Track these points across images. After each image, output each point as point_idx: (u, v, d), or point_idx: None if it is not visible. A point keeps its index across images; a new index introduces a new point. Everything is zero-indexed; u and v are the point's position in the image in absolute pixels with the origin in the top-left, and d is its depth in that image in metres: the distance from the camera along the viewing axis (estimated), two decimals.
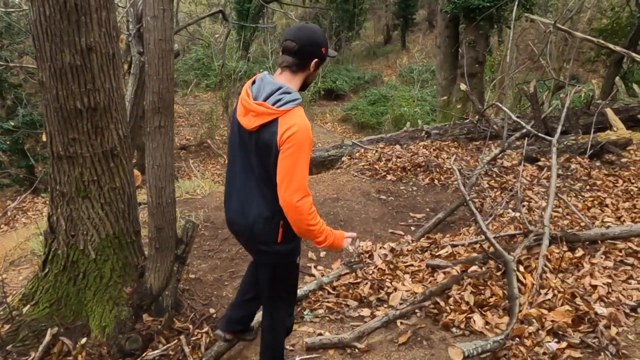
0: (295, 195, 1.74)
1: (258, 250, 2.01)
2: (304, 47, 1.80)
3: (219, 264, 3.58)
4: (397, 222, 4.29)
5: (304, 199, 1.76)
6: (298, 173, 1.73)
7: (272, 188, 1.80)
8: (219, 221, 4.25)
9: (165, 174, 2.45)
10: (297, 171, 1.73)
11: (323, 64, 1.95)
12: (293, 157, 1.72)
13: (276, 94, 1.78)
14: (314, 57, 1.83)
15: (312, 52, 1.82)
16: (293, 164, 1.73)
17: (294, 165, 1.73)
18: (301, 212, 1.76)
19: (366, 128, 18.27)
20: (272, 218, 1.87)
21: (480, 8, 7.27)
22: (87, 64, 2.26)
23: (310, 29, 1.86)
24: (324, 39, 1.86)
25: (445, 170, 5.30)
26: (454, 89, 8.40)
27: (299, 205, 1.75)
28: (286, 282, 2.09)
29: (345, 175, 5.56)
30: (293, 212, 1.77)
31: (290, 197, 1.74)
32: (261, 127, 1.78)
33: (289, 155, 1.73)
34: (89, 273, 2.55)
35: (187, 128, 18.81)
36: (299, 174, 1.73)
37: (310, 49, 1.81)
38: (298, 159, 1.72)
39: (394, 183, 5.16)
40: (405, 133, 7.03)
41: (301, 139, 1.72)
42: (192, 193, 5.03)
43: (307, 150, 1.75)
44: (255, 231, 1.91)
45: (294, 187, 1.74)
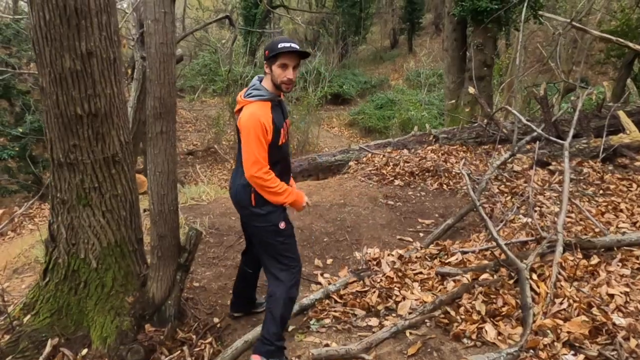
0: (252, 168, 2.22)
1: (241, 214, 2.52)
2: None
3: (224, 271, 3.51)
4: (405, 228, 4.20)
5: (260, 170, 2.24)
6: (252, 150, 2.21)
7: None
8: (224, 228, 4.20)
9: (168, 181, 2.40)
10: (251, 149, 2.21)
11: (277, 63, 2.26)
12: (246, 137, 2.24)
13: (251, 89, 2.33)
14: (264, 60, 2.32)
15: (264, 58, 2.32)
16: (247, 143, 2.23)
17: (248, 144, 2.23)
18: (260, 179, 2.24)
19: (373, 132, 18.17)
20: (246, 185, 2.33)
21: (488, 10, 7.17)
22: (88, 69, 2.22)
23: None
24: (267, 45, 2.30)
25: (454, 175, 5.21)
26: (462, 93, 8.30)
27: (257, 174, 2.23)
28: (276, 247, 2.41)
29: (352, 180, 5.49)
30: (255, 181, 2.25)
31: (250, 170, 2.23)
32: (238, 113, 2.35)
33: (243, 137, 2.26)
34: (90, 282, 2.50)
35: (194, 133, 18.85)
36: (253, 151, 2.21)
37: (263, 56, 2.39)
38: (249, 139, 2.21)
39: (402, 188, 5.08)
40: (413, 137, 6.95)
41: (249, 124, 2.21)
42: (197, 199, 4.99)
43: (255, 133, 2.21)
44: (237, 198, 2.41)
45: (251, 161, 2.22)
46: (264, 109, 2.26)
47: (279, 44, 2.21)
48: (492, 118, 5.75)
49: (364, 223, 4.28)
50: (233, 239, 3.99)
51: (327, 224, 4.25)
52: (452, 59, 8.51)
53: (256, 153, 2.21)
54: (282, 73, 2.25)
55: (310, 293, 3.12)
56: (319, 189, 5.28)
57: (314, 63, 17.00)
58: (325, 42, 21.63)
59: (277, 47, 2.20)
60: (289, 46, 2.21)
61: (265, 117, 2.24)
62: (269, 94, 2.30)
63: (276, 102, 2.37)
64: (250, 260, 2.80)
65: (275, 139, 2.28)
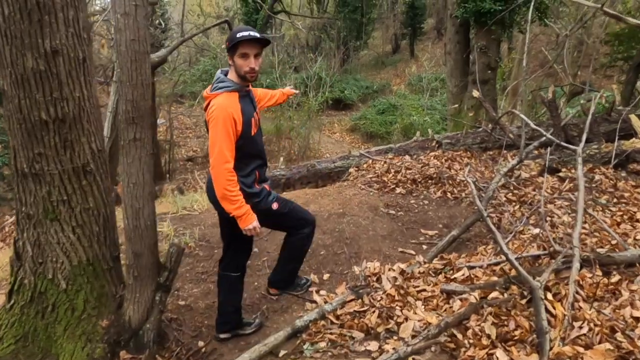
0: (216, 161, 2.18)
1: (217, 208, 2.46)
2: None
3: (212, 288, 3.27)
4: (408, 240, 3.95)
5: (224, 164, 2.19)
6: (218, 143, 2.17)
7: None
8: (215, 239, 3.96)
9: (143, 193, 2.17)
10: (217, 141, 2.17)
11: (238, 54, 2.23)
12: (213, 130, 2.19)
13: (214, 83, 2.31)
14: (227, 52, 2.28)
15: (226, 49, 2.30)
16: (214, 135, 2.18)
17: (214, 136, 2.18)
18: (221, 175, 2.19)
19: (375, 138, 17.97)
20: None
21: (491, 12, 6.95)
22: (53, 69, 2.00)
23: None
24: (228, 37, 2.26)
25: (458, 183, 4.96)
26: (465, 97, 8.07)
27: (219, 169, 2.19)
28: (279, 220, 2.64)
29: (351, 188, 5.25)
30: (215, 175, 2.21)
31: (213, 163, 2.20)
32: (205, 108, 2.32)
33: (210, 129, 2.22)
34: (59, 305, 2.27)
35: (193, 139, 18.69)
36: (218, 144, 2.17)
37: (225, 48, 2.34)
38: (216, 131, 2.17)
39: (404, 196, 4.83)
40: (415, 143, 6.71)
41: (217, 115, 2.16)
42: (189, 208, 4.75)
43: (223, 125, 2.17)
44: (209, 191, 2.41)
45: (215, 154, 2.18)
46: (232, 100, 2.24)
47: (237, 33, 2.19)
48: (498, 122, 5.52)
49: (364, 234, 4.03)
50: None
51: (324, 235, 4.01)
52: (454, 63, 8.29)
53: (222, 146, 2.18)
54: (243, 63, 2.23)
55: (305, 313, 2.88)
56: (317, 197, 5.04)
57: (314, 68, 16.81)
58: (326, 47, 21.46)
59: (236, 36, 2.17)
60: (248, 35, 2.17)
61: (234, 107, 2.22)
62: (235, 85, 2.28)
63: (244, 93, 2.34)
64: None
65: (245, 129, 2.26)
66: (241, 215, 2.28)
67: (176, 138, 18.82)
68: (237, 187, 2.25)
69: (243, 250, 2.69)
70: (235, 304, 2.71)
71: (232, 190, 2.22)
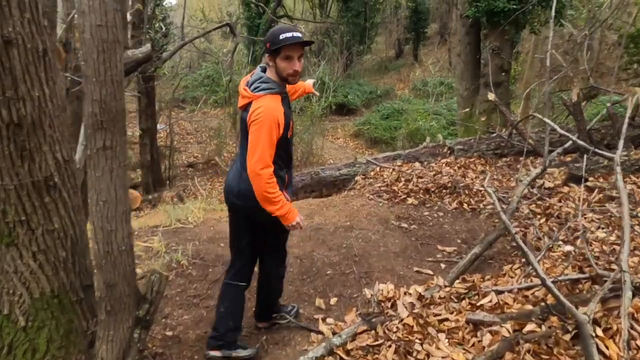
0: (257, 165, 2.13)
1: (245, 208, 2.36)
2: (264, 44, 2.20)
3: (205, 315, 2.90)
4: (423, 257, 3.57)
5: (265, 169, 2.14)
6: (260, 146, 2.11)
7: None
8: (210, 257, 3.59)
9: (116, 212, 1.80)
10: (260, 145, 2.11)
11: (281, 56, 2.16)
12: (256, 133, 2.12)
13: (256, 83, 2.22)
14: (266, 53, 2.21)
15: (264, 50, 2.22)
16: (256, 139, 2.12)
17: (257, 139, 2.12)
18: (261, 179, 2.14)
19: (379, 143, 17.62)
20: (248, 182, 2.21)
21: (505, 11, 6.60)
22: (6, 63, 1.64)
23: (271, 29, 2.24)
24: (268, 36, 2.18)
25: (475, 192, 4.58)
26: (477, 100, 7.70)
27: (260, 173, 2.13)
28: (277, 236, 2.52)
29: (359, 198, 4.87)
30: (255, 179, 2.15)
31: (254, 166, 2.13)
32: (244, 108, 2.25)
33: (254, 132, 2.14)
34: (17, 346, 1.89)
35: (194, 145, 18.38)
36: (260, 147, 2.12)
37: (264, 49, 2.24)
38: (260, 135, 2.11)
39: (416, 208, 4.45)
40: (425, 149, 6.34)
41: (263, 118, 2.11)
42: (183, 221, 4.38)
43: (268, 129, 2.11)
44: (241, 191, 2.29)
45: (257, 158, 2.12)
46: (276, 103, 2.19)
47: (280, 35, 2.10)
48: (516, 127, 5.14)
49: (374, 251, 3.65)
50: (220, 271, 3.38)
51: (330, 252, 3.63)
52: (465, 65, 7.93)
53: (265, 150, 2.13)
54: (287, 65, 2.17)
55: (310, 347, 2.50)
56: (322, 208, 4.67)
57: (317, 72, 16.50)
58: (329, 52, 21.18)
59: (279, 39, 2.09)
60: (292, 36, 2.09)
61: (279, 112, 2.17)
62: (278, 87, 2.23)
63: (284, 95, 2.29)
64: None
65: (285, 132, 2.22)
66: (285, 214, 2.25)
67: (177, 144, 18.52)
68: (277, 188, 2.20)
69: (254, 260, 2.63)
70: (235, 319, 2.51)
71: (274, 192, 2.18)
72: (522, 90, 10.08)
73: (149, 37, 12.22)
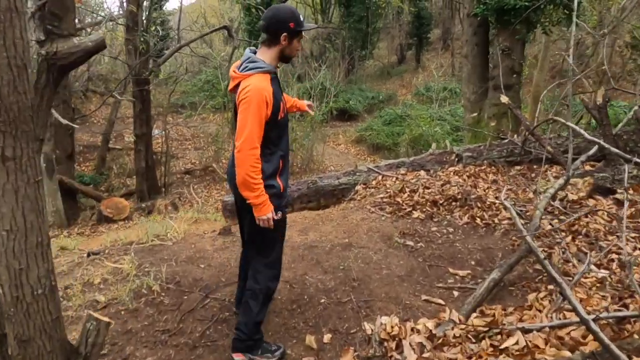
0: (245, 145, 2.08)
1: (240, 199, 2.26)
2: (270, 25, 2.17)
3: (174, 355, 2.42)
4: (433, 282, 3.09)
5: (252, 150, 2.10)
6: (248, 126, 2.08)
7: None
8: (187, 281, 3.12)
9: (27, 245, 1.34)
10: (247, 125, 2.08)
11: (299, 37, 2.22)
12: (244, 112, 2.10)
13: (244, 63, 2.21)
14: (282, 31, 2.15)
15: (279, 28, 2.15)
16: (244, 118, 2.09)
17: (245, 119, 2.09)
18: (247, 160, 2.09)
19: (381, 149, 17.21)
20: None
21: (516, 9, 6.16)
22: None
23: (274, 8, 2.21)
24: (290, 15, 2.16)
25: (489, 205, 4.10)
26: (485, 104, 7.24)
27: (247, 154, 2.09)
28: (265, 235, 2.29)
29: (359, 210, 4.41)
30: (241, 160, 2.10)
31: (241, 146, 2.09)
32: (233, 89, 2.23)
33: (242, 111, 2.11)
34: None
35: (192, 151, 17.96)
36: (249, 127, 2.08)
37: (276, 25, 2.16)
38: (248, 114, 2.08)
39: (423, 222, 3.98)
40: (431, 156, 5.87)
41: (251, 96, 2.08)
42: (162, 237, 3.92)
43: (257, 108, 2.07)
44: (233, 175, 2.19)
45: (244, 137, 2.08)
46: (265, 81, 2.15)
47: (303, 21, 2.18)
48: (533, 133, 4.67)
49: (376, 274, 3.18)
50: (196, 299, 2.92)
51: (325, 275, 3.17)
52: (472, 67, 7.47)
53: (253, 130, 2.08)
54: (299, 45, 2.26)
55: None
56: (318, 222, 4.21)
57: (318, 77, 16.11)
58: (331, 57, 20.84)
59: (304, 23, 2.18)
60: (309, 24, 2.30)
61: (267, 90, 2.12)
62: (268, 66, 2.19)
63: (274, 75, 2.24)
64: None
65: (274, 112, 2.16)
66: (258, 204, 2.17)
67: (175, 150, 18.13)
68: (259, 175, 2.14)
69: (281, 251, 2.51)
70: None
71: (255, 178, 2.12)
72: (530, 94, 9.61)
73: (144, 40, 11.86)
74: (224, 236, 3.89)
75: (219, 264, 3.36)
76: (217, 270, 3.26)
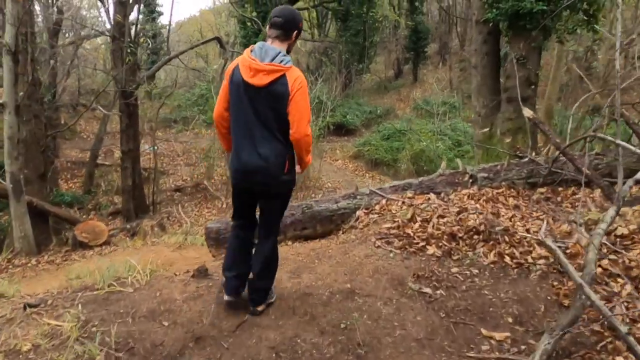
0: (308, 127, 2.44)
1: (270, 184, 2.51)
2: (288, 22, 2.46)
3: None
4: (461, 349, 2.39)
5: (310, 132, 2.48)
6: (308, 111, 2.44)
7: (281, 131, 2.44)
8: (144, 345, 2.41)
9: None
10: (307, 109, 2.44)
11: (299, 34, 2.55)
12: (304, 99, 2.41)
13: (279, 56, 2.40)
14: (294, 29, 2.49)
15: (293, 26, 2.48)
16: (305, 104, 2.42)
17: (305, 104, 2.42)
18: (309, 140, 2.49)
19: (380, 165, 16.63)
20: (282, 155, 2.46)
21: (533, 13, 5.58)
22: None
23: (291, 8, 2.62)
24: (300, 16, 2.58)
25: (518, 240, 3.42)
26: (498, 118, 6.61)
27: (309, 133, 2.46)
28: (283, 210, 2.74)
29: (362, 244, 3.71)
30: (305, 141, 2.47)
31: (305, 129, 2.42)
32: (273, 82, 2.37)
33: (301, 100, 2.39)
34: None
35: (184, 167, 17.26)
36: (308, 112, 2.44)
37: (292, 22, 2.48)
38: (306, 101, 2.43)
39: (440, 261, 3.29)
40: (441, 177, 5.20)
41: (304, 86, 2.42)
42: (122, 280, 3.19)
43: (307, 95, 2.45)
44: (270, 168, 2.44)
45: (306, 121, 2.42)
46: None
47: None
48: (565, 152, 4.02)
49: (387, 335, 2.48)
50: None
51: (322, 337, 2.46)
52: (482, 78, 6.86)
53: (309, 114, 2.44)
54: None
55: None
56: (313, 259, 3.51)
57: (315, 90, 15.57)
58: (327, 71, 20.39)
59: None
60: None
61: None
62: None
63: None
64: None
65: None
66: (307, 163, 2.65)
67: (165, 166, 17.45)
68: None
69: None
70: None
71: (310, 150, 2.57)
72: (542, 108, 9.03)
73: (131, 52, 11.25)
74: (198, 280, 3.17)
75: (187, 321, 2.65)
76: (185, 331, 2.55)
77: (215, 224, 5.31)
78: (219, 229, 5.20)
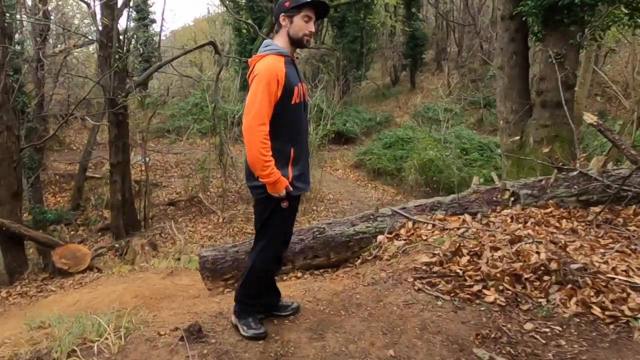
0: (254, 120, 2.15)
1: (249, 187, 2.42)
2: (274, 12, 2.47)
3: None
4: None
5: (261, 126, 2.15)
6: (257, 102, 2.15)
7: None
8: None
9: None
10: (257, 101, 2.15)
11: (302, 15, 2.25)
12: (254, 88, 2.18)
13: (261, 48, 2.33)
14: (280, 13, 2.30)
15: (278, 12, 2.32)
16: (254, 94, 2.17)
17: (254, 95, 2.17)
18: (257, 136, 2.14)
19: (383, 175, 15.91)
20: None
21: (575, 5, 4.86)
22: None
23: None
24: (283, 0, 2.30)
25: (605, 283, 2.65)
26: (530, 126, 5.88)
27: (257, 130, 2.14)
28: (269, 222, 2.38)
29: (397, 287, 2.93)
30: (251, 137, 2.15)
31: (250, 122, 2.16)
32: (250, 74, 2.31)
33: (252, 88, 2.20)
34: None
35: (178, 180, 16.42)
36: (258, 104, 2.15)
37: (277, 10, 2.34)
38: (258, 90, 2.16)
39: (507, 313, 2.52)
40: (476, 194, 4.46)
41: (262, 74, 2.17)
42: (87, 346, 2.39)
43: (267, 84, 2.15)
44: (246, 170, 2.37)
45: (253, 113, 2.16)
46: (278, 62, 2.22)
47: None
48: None
49: None
50: None
51: None
52: (510, 80, 6.14)
53: (262, 106, 2.14)
54: (305, 26, 2.25)
55: None
56: (338, 310, 2.72)
57: (314, 98, 14.87)
58: (325, 78, 19.80)
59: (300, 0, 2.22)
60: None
61: (278, 69, 2.18)
62: (281, 48, 2.28)
63: (290, 59, 2.30)
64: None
65: (285, 95, 2.19)
66: (273, 181, 2.21)
67: (159, 178, 16.64)
68: (270, 152, 2.17)
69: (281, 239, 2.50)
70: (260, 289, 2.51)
71: (266, 155, 2.15)
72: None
73: (119, 58, 10.49)
74: (190, 343, 2.37)
75: None
76: None
77: (211, 251, 4.53)
78: (216, 258, 4.43)
